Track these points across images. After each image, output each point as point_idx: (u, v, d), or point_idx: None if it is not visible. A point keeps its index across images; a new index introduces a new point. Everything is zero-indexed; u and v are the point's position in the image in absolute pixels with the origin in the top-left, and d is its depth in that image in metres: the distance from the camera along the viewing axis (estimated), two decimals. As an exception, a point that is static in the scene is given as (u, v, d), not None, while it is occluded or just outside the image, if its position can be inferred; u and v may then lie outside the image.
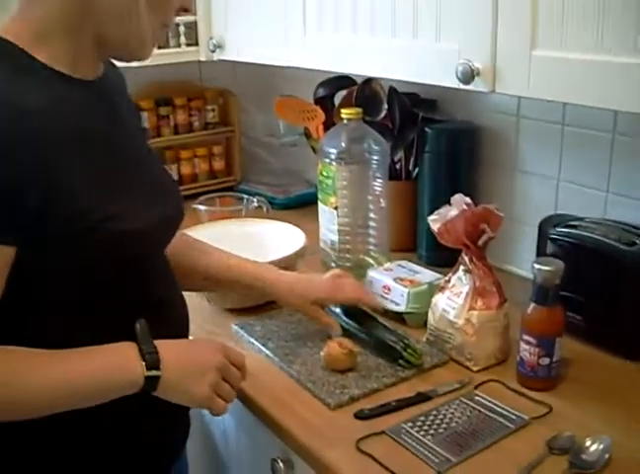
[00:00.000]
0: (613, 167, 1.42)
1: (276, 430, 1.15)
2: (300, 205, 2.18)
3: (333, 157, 1.57)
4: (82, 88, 0.97)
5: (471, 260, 1.25)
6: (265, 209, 1.90)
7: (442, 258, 1.66)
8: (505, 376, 1.23)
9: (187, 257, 1.26)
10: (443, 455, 1.03)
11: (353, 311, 1.36)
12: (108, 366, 0.94)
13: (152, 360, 0.95)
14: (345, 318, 1.36)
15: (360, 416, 1.12)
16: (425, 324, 1.37)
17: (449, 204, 1.27)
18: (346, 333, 1.33)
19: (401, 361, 1.25)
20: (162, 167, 1.17)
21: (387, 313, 1.44)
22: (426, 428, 1.09)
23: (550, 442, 1.05)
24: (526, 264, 1.60)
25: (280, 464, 1.17)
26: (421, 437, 1.07)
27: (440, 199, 1.65)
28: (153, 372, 0.94)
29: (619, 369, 1.26)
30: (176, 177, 2.27)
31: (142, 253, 1.00)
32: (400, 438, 1.07)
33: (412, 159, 1.78)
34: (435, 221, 1.26)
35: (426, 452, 1.04)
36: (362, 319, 1.36)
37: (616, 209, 1.42)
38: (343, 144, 1.57)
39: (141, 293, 1.03)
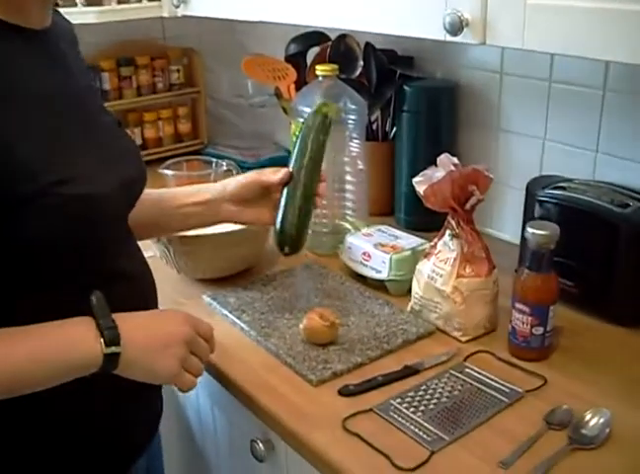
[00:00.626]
0: (603, 125, 1.35)
1: (254, 409, 1.07)
2: (271, 169, 2.10)
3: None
4: (25, 37, 0.87)
5: (458, 224, 1.18)
6: (235, 173, 1.80)
7: (422, 222, 1.61)
8: (495, 347, 1.17)
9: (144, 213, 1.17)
10: (436, 433, 0.96)
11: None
12: (64, 343, 0.85)
13: (111, 336, 0.85)
14: None
15: (345, 392, 1.05)
16: (408, 292, 1.30)
17: (435, 165, 1.19)
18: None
19: None
20: (120, 128, 1.07)
21: (368, 281, 1.37)
22: (415, 404, 1.03)
23: (548, 417, 0.99)
24: (510, 227, 1.55)
25: (260, 445, 1.10)
26: (411, 415, 1.00)
27: (420, 161, 1.59)
28: (113, 349, 0.85)
29: (614, 337, 1.20)
30: (140, 141, 2.17)
31: (101, 220, 0.90)
32: (389, 416, 1.00)
33: (389, 119, 1.70)
34: (420, 183, 1.18)
35: (417, 430, 0.97)
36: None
37: (606, 170, 1.36)
38: (318, 103, 1.47)
39: (103, 264, 0.94)
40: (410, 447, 0.94)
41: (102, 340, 0.85)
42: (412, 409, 1.01)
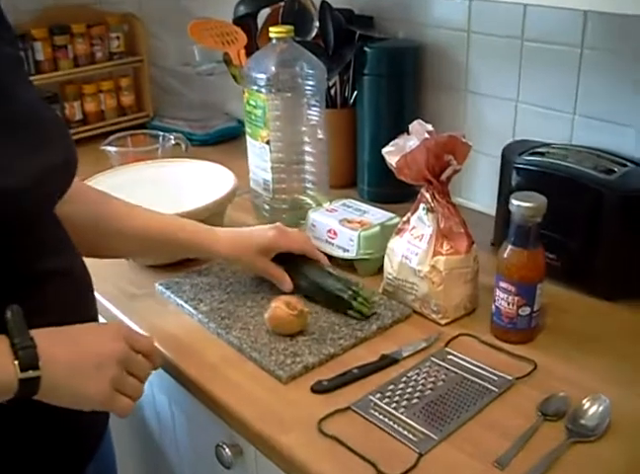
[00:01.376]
0: (581, 86, 1.26)
1: (218, 411, 0.96)
2: (221, 142, 1.99)
3: (262, 83, 1.35)
4: None
5: (433, 197, 1.07)
6: (183, 147, 1.68)
7: (387, 194, 1.52)
8: (477, 329, 1.08)
9: (92, 217, 1.05)
10: (422, 432, 0.87)
11: (288, 257, 1.18)
12: None
13: (28, 357, 0.73)
14: (279, 262, 1.18)
15: (319, 389, 0.95)
16: (378, 271, 1.20)
17: (405, 133, 1.08)
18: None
19: (351, 312, 1.08)
20: (43, 103, 0.88)
21: (334, 261, 1.26)
22: (397, 398, 0.93)
23: (542, 407, 0.90)
24: (482, 197, 1.46)
25: (227, 451, 0.99)
26: (393, 411, 0.90)
27: (383, 128, 1.49)
28: (30, 373, 0.73)
29: (601, 312, 1.12)
30: (79, 115, 2.01)
31: (19, 217, 0.76)
32: (369, 414, 0.90)
33: (348, 84, 1.58)
34: (391, 154, 1.07)
35: (401, 430, 0.87)
36: (301, 265, 1.17)
37: (584, 134, 1.27)
38: (272, 68, 1.35)
39: (27, 265, 0.81)
40: (395, 450, 0.85)
41: (16, 362, 0.72)
42: (393, 405, 0.92)
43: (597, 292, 1.15)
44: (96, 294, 1.13)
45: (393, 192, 1.49)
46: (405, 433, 0.87)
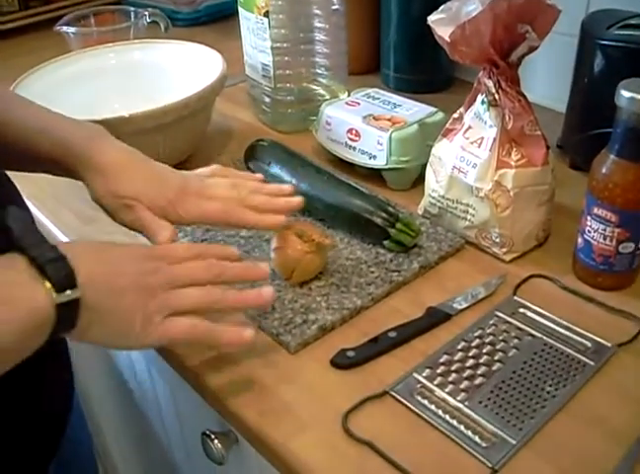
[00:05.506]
0: None
1: (202, 392, 0.69)
2: (213, 20, 1.66)
3: None
4: None
5: (499, 85, 0.76)
6: (162, 27, 1.34)
7: (421, 81, 1.21)
8: (553, 268, 0.79)
9: None
10: (494, 432, 0.60)
11: (293, 163, 0.90)
12: None
13: (60, 272, 0.51)
14: (280, 173, 0.89)
15: (342, 363, 0.67)
16: (414, 185, 0.91)
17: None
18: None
19: (387, 243, 0.80)
20: None
21: (356, 169, 0.97)
22: (454, 377, 0.65)
23: (661, 392, 0.63)
24: (541, 86, 1.14)
25: (215, 441, 0.72)
26: (449, 398, 0.63)
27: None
28: (69, 294, 0.50)
29: None
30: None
31: None
32: (415, 403, 0.63)
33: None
34: (440, 23, 0.75)
35: (463, 429, 0.60)
36: (313, 176, 0.87)
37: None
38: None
39: None
40: (456, 461, 0.58)
41: (47, 282, 0.50)
42: (450, 387, 0.64)
43: None
44: (47, 222, 0.86)
45: (428, 78, 1.18)
46: (469, 433, 0.60)
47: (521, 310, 0.73)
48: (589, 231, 0.73)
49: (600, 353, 0.67)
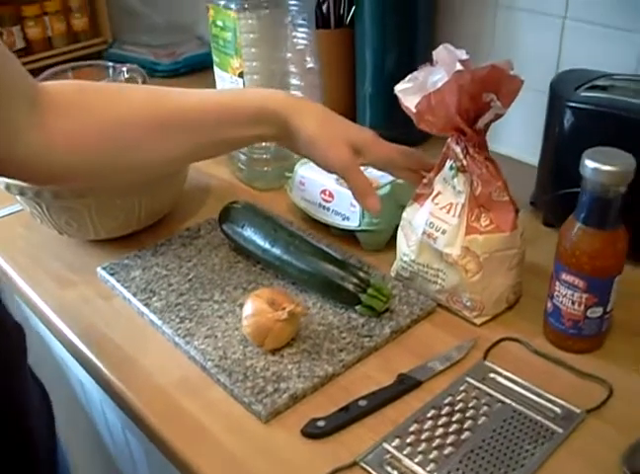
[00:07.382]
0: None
1: (170, 458, 0.69)
2: (192, 71, 1.67)
3: (231, -2, 1.04)
4: None
5: (466, 152, 0.78)
6: (140, 82, 1.35)
7: (396, 137, 1.20)
8: (524, 330, 0.80)
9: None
10: (463, 506, 0.60)
11: (267, 226, 0.90)
12: None
13: None
14: (254, 237, 0.89)
15: (313, 433, 0.67)
16: (388, 245, 0.92)
17: (427, 63, 0.78)
18: (263, 263, 0.88)
19: (359, 308, 0.80)
20: None
21: (331, 231, 0.98)
22: (423, 446, 0.65)
23: (629, 460, 0.63)
24: (513, 139, 1.17)
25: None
26: (420, 471, 0.63)
27: (389, 51, 1.18)
28: None
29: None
30: (22, 44, 1.68)
31: None
32: (385, 476, 0.63)
33: (344, -2, 1.26)
34: (407, 93, 0.77)
35: (432, 502, 0.61)
36: (286, 240, 0.87)
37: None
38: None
39: None
40: None
41: None
42: (419, 457, 0.64)
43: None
44: (19, 281, 0.86)
45: (403, 133, 1.19)
46: (439, 507, 0.60)
47: (492, 375, 0.73)
48: (557, 296, 0.74)
49: (568, 419, 0.68)
